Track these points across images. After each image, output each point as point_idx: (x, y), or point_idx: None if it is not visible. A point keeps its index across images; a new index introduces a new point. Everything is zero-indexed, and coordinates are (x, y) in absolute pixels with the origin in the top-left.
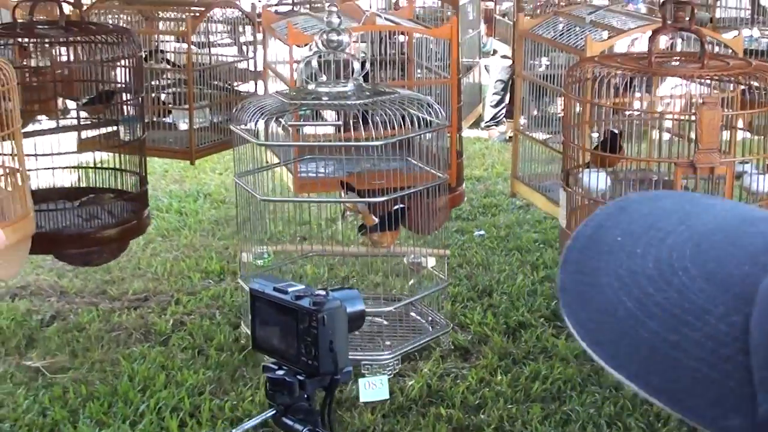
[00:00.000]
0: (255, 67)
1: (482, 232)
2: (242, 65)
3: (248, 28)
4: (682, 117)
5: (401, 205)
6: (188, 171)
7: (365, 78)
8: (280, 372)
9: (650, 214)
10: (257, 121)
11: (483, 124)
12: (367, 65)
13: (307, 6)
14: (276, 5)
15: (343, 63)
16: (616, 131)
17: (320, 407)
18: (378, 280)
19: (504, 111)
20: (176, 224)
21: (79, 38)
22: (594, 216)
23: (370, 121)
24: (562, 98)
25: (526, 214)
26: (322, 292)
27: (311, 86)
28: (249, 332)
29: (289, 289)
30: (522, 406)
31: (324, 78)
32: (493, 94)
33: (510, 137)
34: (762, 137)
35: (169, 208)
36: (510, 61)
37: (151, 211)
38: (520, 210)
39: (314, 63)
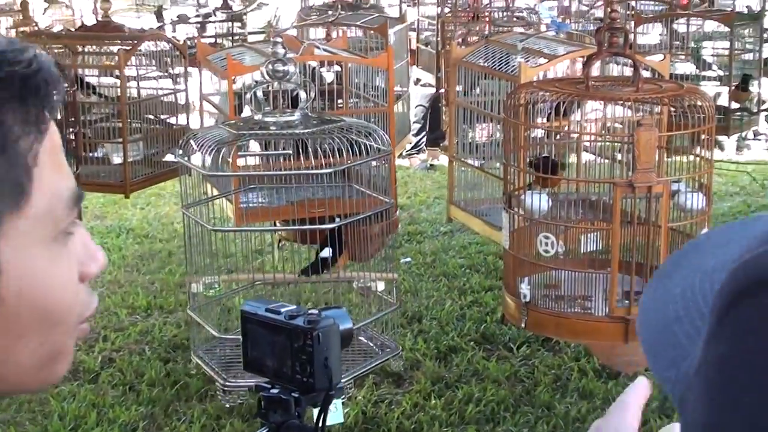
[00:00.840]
0: (186, 99)
1: (409, 259)
2: (171, 98)
3: (177, 61)
4: (618, 139)
5: (335, 225)
6: (108, 207)
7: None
8: (275, 390)
9: (728, 241)
10: (203, 152)
11: (404, 152)
12: (312, 94)
13: (230, 38)
14: (198, 37)
15: (286, 93)
16: (547, 155)
17: (315, 423)
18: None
19: (425, 139)
20: None
21: None
22: (705, 233)
23: (318, 149)
24: (492, 123)
25: (452, 240)
26: (315, 311)
27: (258, 116)
28: (193, 363)
29: (282, 310)
30: (457, 429)
31: (270, 108)
32: (414, 122)
33: (432, 165)
34: (693, 157)
35: None
36: (431, 90)
37: None
38: (444, 236)
39: (260, 93)
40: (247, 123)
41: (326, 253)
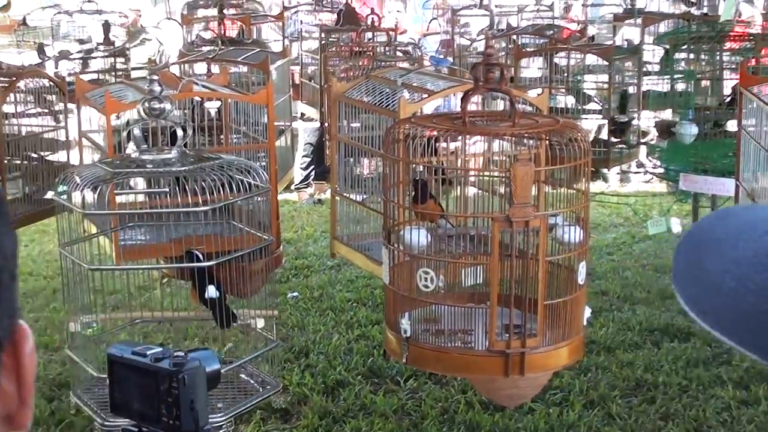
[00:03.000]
0: (66, 136)
1: (296, 294)
2: (52, 135)
3: (55, 98)
4: (494, 173)
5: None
6: None
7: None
8: None
9: (748, 219)
10: (81, 190)
11: (293, 186)
12: (189, 131)
13: (111, 74)
14: (80, 73)
15: (165, 130)
16: (424, 179)
17: None
18: (195, 345)
19: (313, 173)
20: None
21: None
22: (702, 220)
23: (195, 186)
24: (374, 158)
25: (339, 273)
26: (181, 354)
27: (135, 154)
28: (72, 403)
29: (148, 352)
30: None
31: (146, 146)
32: (303, 156)
33: (319, 199)
34: (568, 190)
35: None
36: (317, 125)
37: None
38: (332, 270)
39: (137, 131)
40: (125, 161)
41: (213, 292)
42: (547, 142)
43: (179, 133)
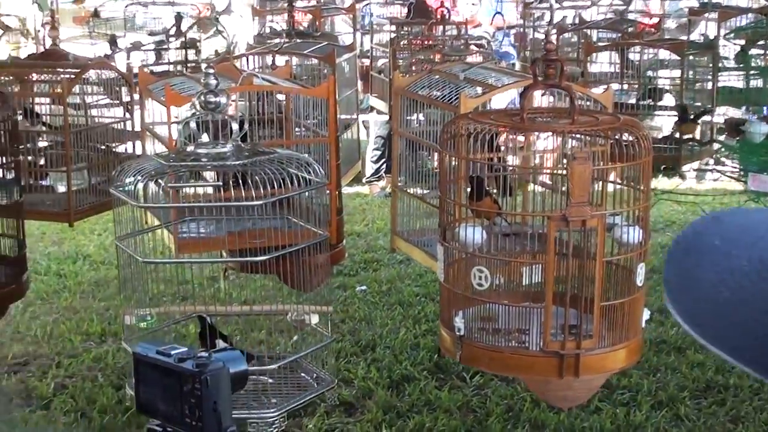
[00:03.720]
0: (133, 127)
1: (364, 287)
2: (120, 126)
3: (124, 89)
4: (555, 172)
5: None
6: (66, 233)
7: (243, 138)
8: None
9: (743, 224)
10: (136, 183)
11: (364, 180)
12: (246, 126)
13: (182, 66)
14: (152, 65)
15: (221, 123)
16: (480, 176)
17: None
18: (261, 337)
19: (384, 166)
20: (55, 287)
21: None
22: (693, 225)
23: (249, 180)
24: (437, 154)
25: (407, 268)
26: (205, 354)
27: (190, 148)
28: (133, 394)
29: (172, 352)
30: None
31: (203, 139)
32: (374, 149)
33: (390, 193)
34: (631, 189)
35: (47, 271)
36: (388, 117)
37: (30, 274)
38: (401, 264)
39: (192, 124)
40: (180, 154)
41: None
42: (608, 139)
43: (234, 127)
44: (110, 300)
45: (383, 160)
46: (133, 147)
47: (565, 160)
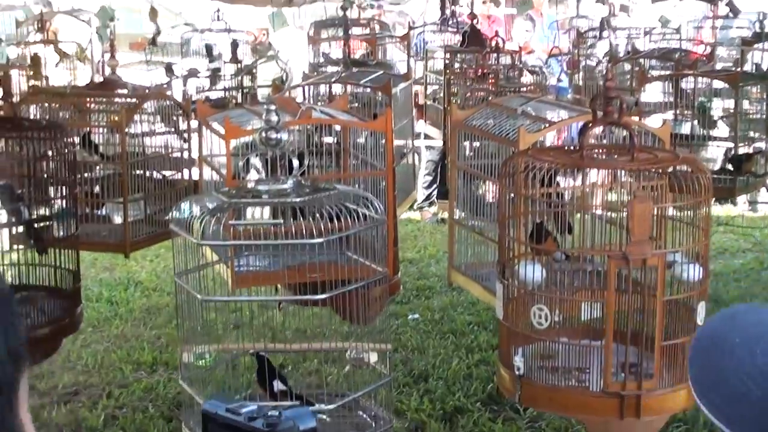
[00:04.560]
0: (190, 155)
1: (416, 316)
2: (177, 154)
3: (181, 119)
4: (614, 209)
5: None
6: (118, 259)
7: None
8: None
9: (759, 321)
10: (196, 219)
11: (416, 206)
12: (306, 162)
13: (237, 92)
14: (208, 91)
15: (281, 159)
16: (540, 220)
17: None
18: (313, 368)
19: (436, 192)
20: (107, 314)
21: (10, 134)
22: (709, 323)
23: (309, 217)
24: (490, 184)
25: (460, 296)
26: (275, 413)
27: (250, 184)
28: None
29: (242, 410)
30: None
31: (263, 174)
32: (425, 175)
33: (442, 219)
34: (690, 226)
35: (99, 298)
36: (440, 143)
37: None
38: (453, 292)
39: (253, 160)
40: (241, 190)
41: (280, 386)
42: (667, 177)
43: (295, 163)
44: (161, 328)
45: (435, 185)
46: (189, 175)
47: (625, 197)
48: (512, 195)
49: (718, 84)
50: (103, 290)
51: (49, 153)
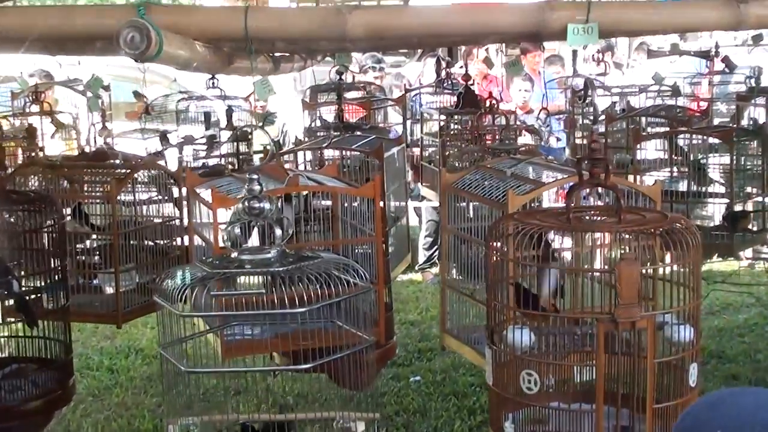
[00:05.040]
0: (181, 224)
1: (418, 378)
2: (170, 222)
3: (175, 188)
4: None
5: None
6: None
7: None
8: None
9: (741, 412)
10: (180, 290)
11: (417, 267)
12: (290, 231)
13: (233, 158)
14: (204, 158)
15: (266, 228)
16: (524, 284)
17: None
18: None
19: (437, 253)
20: (107, 383)
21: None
22: (690, 410)
23: (292, 286)
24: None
25: (462, 357)
26: None
27: (234, 254)
28: None
29: None
30: None
31: (247, 244)
32: (426, 236)
33: None
34: (681, 286)
35: (99, 366)
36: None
37: (81, 369)
38: (455, 353)
39: (236, 230)
40: (224, 260)
41: None
42: (659, 237)
43: (277, 233)
44: (162, 396)
45: (436, 247)
46: (182, 243)
47: (615, 257)
48: (501, 259)
49: (714, 140)
50: (104, 359)
51: (38, 225)
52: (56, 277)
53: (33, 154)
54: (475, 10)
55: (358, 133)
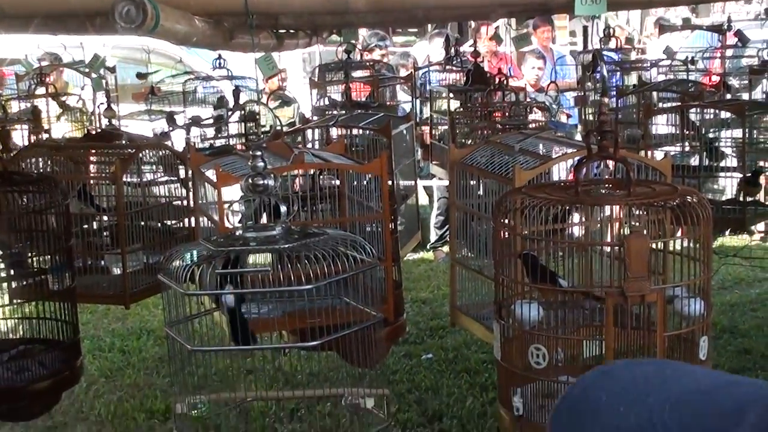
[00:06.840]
0: (188, 204)
1: (430, 356)
2: (177, 202)
3: (182, 169)
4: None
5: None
6: (130, 308)
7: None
8: None
9: (633, 378)
10: (185, 268)
11: (429, 245)
12: (295, 207)
13: (241, 138)
14: (212, 139)
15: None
16: (533, 253)
17: None
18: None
19: (448, 232)
20: (120, 364)
21: (2, 188)
22: (581, 379)
23: (298, 263)
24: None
25: (473, 334)
26: None
27: (238, 232)
28: None
29: None
30: None
31: (251, 222)
32: (437, 215)
33: None
34: (690, 260)
35: (111, 347)
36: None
37: (93, 351)
38: (467, 331)
39: (238, 207)
40: (228, 238)
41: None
42: (670, 211)
43: (282, 209)
44: (171, 376)
45: (447, 225)
46: (189, 224)
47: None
48: (508, 233)
49: (726, 115)
50: (116, 340)
51: (42, 206)
52: (61, 258)
53: (39, 136)
54: None
55: (366, 111)
